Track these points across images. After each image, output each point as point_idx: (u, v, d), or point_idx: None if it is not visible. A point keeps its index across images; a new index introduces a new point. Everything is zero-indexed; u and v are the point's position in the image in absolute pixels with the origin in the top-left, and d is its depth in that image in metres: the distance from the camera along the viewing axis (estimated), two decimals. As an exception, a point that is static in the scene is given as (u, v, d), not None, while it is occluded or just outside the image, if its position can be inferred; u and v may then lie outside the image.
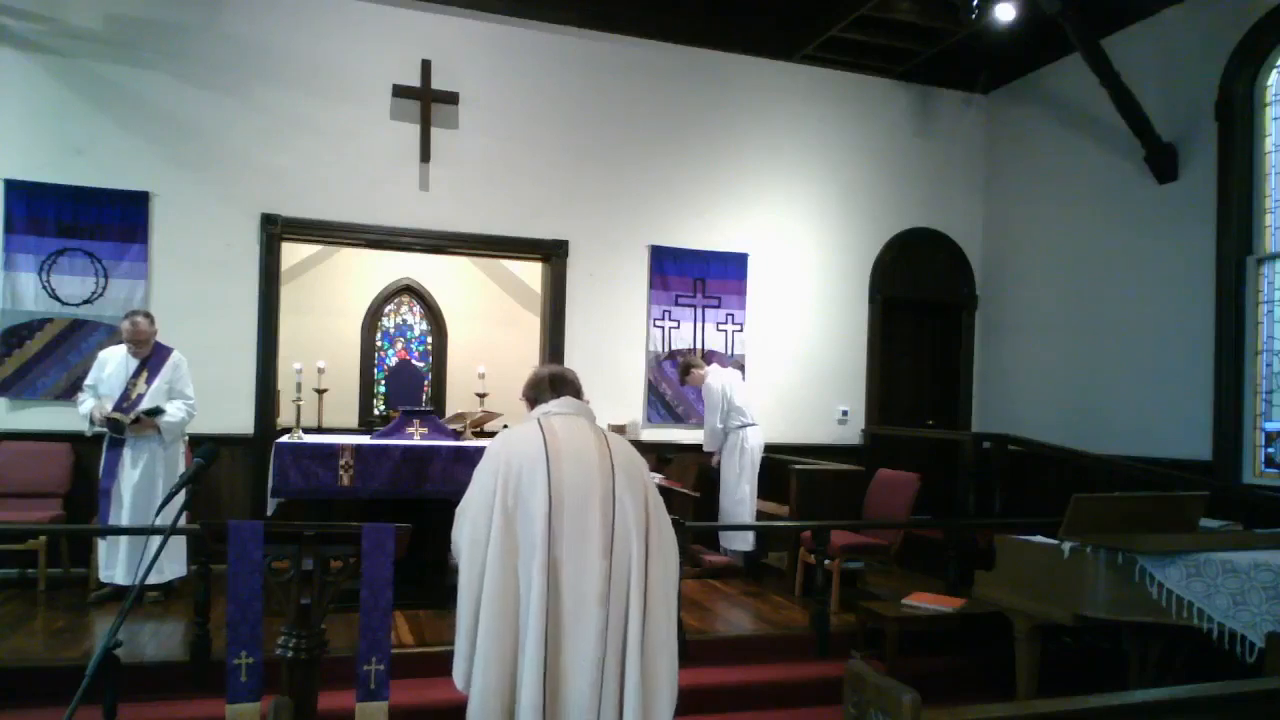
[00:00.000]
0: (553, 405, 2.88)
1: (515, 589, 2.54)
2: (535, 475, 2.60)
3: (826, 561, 5.33)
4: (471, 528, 2.64)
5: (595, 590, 2.54)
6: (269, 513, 5.50)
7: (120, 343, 5.62)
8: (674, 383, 7.65)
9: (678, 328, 7.74)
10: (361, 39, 6.92)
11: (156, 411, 5.39)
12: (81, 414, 5.46)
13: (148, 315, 5.58)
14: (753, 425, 6.91)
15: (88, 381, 5.53)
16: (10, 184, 6.17)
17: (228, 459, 6.39)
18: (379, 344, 9.89)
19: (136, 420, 5.34)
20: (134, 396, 5.45)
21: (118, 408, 5.37)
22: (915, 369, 8.67)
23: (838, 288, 8.25)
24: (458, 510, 2.77)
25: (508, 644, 2.51)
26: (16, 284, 6.18)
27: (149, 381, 5.50)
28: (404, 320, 10.02)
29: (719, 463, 6.99)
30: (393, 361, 9.94)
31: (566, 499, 2.59)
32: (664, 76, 7.70)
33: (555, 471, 2.61)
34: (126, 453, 5.43)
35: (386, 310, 9.95)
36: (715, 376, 7.03)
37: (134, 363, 5.52)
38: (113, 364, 5.52)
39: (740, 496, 6.82)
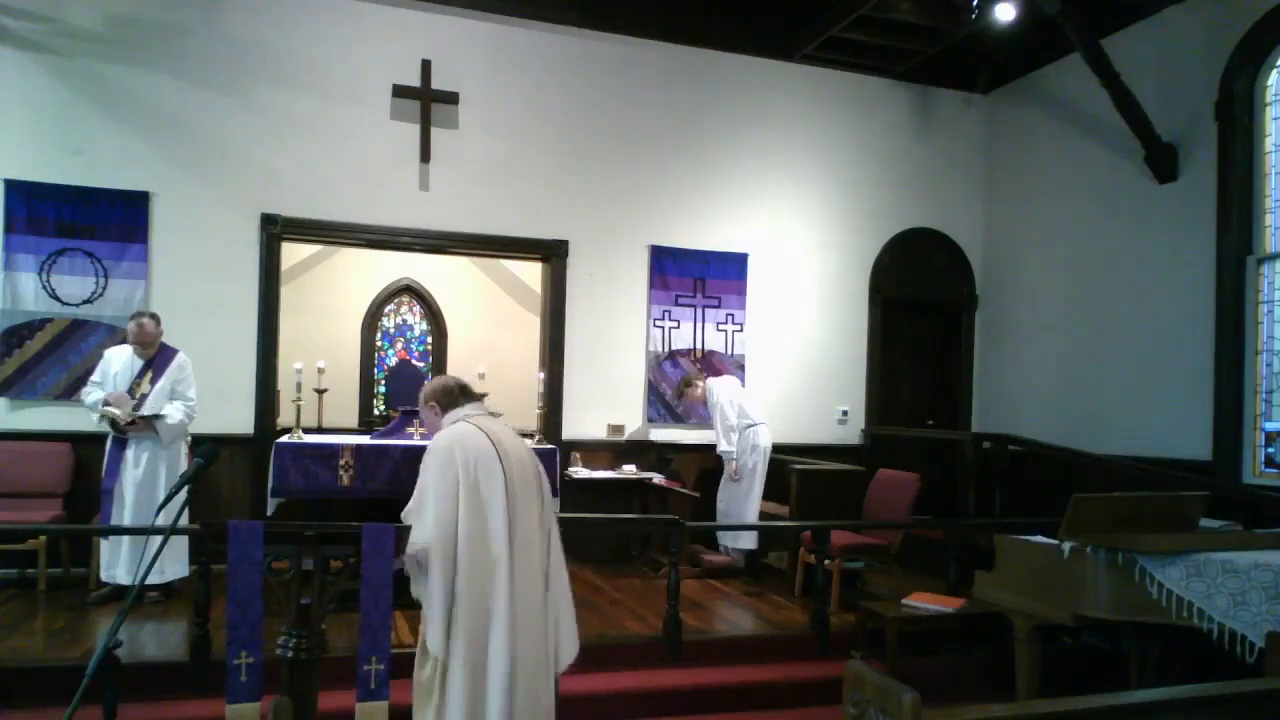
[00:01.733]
0: (470, 409, 3.26)
1: (486, 567, 2.95)
2: (492, 469, 3.02)
3: (826, 561, 5.33)
4: (437, 517, 2.94)
5: (539, 565, 3.09)
6: (269, 513, 5.51)
7: (126, 343, 5.63)
8: (674, 383, 7.64)
9: (678, 328, 7.74)
10: (361, 39, 6.92)
11: (155, 418, 5.40)
12: (89, 404, 5.46)
13: (154, 316, 5.60)
14: (761, 424, 6.92)
15: (94, 378, 5.54)
16: (10, 184, 6.17)
17: (228, 459, 6.39)
18: (379, 344, 9.89)
19: (133, 423, 5.35)
20: (138, 396, 5.46)
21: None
22: (915, 369, 8.67)
23: (838, 288, 8.25)
24: (410, 509, 3.03)
25: (481, 614, 2.96)
26: (16, 284, 6.18)
27: (153, 382, 5.51)
28: (404, 320, 10.02)
29: (736, 470, 6.85)
30: (393, 361, 9.94)
31: (518, 490, 3.06)
32: (664, 76, 7.70)
33: (507, 465, 3.06)
34: (129, 452, 5.44)
35: (386, 310, 9.95)
36: (716, 383, 7.06)
37: (139, 363, 5.55)
38: (118, 364, 5.54)
39: (739, 499, 6.82)
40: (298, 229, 6.83)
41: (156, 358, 5.58)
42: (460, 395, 3.29)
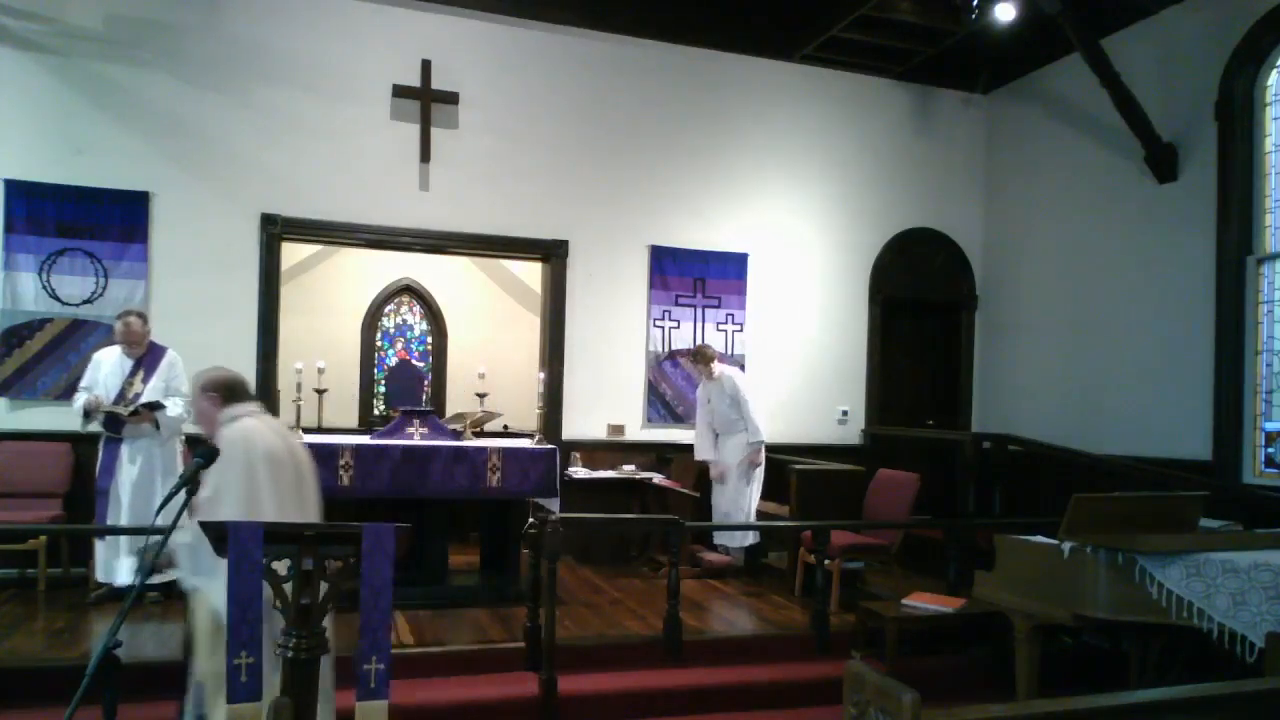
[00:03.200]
0: (252, 406, 3.33)
1: None
2: (284, 465, 3.13)
3: (826, 561, 5.33)
4: (243, 510, 2.96)
5: None
6: (269, 513, 5.49)
7: (114, 344, 5.60)
8: (674, 382, 7.65)
9: (678, 328, 7.74)
10: (361, 39, 6.92)
11: (156, 406, 5.39)
12: (75, 409, 5.42)
13: (141, 315, 5.57)
14: None
15: (83, 384, 5.49)
16: (10, 184, 6.17)
17: (228, 459, 6.37)
18: (379, 344, 9.89)
19: (135, 413, 5.34)
20: (130, 396, 5.44)
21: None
22: (915, 369, 8.67)
23: (838, 288, 8.25)
24: (205, 498, 2.99)
25: None
26: (16, 284, 6.18)
27: (145, 381, 5.49)
28: (404, 320, 10.02)
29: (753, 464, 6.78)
30: (393, 361, 9.94)
31: (306, 486, 3.23)
32: (664, 76, 7.70)
33: (293, 460, 3.20)
34: (124, 451, 5.43)
35: (386, 310, 9.95)
36: (738, 374, 6.99)
37: (129, 363, 5.51)
38: (108, 365, 5.50)
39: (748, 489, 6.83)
40: (298, 229, 6.83)
41: (146, 357, 5.55)
42: (241, 391, 3.32)
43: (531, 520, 4.83)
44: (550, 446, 5.90)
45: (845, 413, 8.20)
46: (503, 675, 4.50)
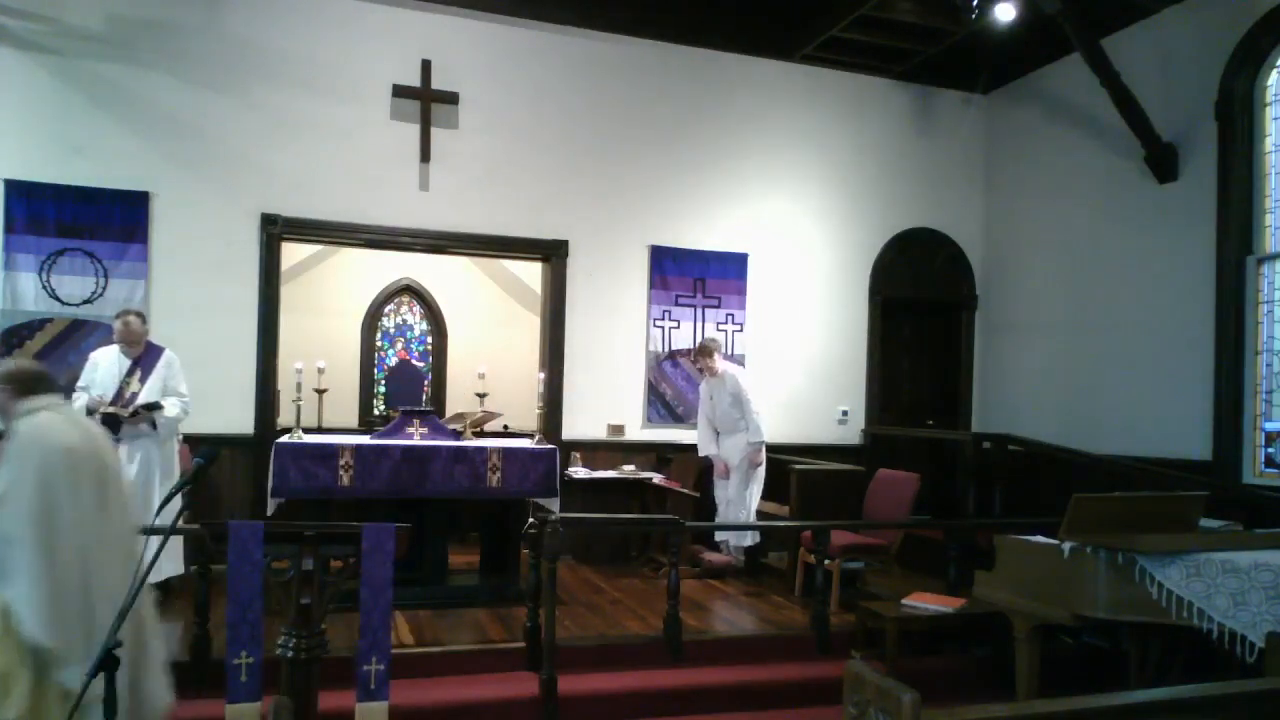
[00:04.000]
0: (54, 399, 3.13)
1: (84, 554, 2.86)
2: (83, 461, 2.92)
3: (826, 561, 5.33)
4: (36, 506, 2.81)
5: (133, 554, 2.98)
6: (269, 513, 5.50)
7: (111, 343, 5.60)
8: (674, 382, 7.65)
9: (678, 328, 7.74)
10: (361, 39, 6.92)
11: (154, 406, 5.38)
12: (76, 409, 5.42)
13: (139, 314, 5.57)
14: None
15: (80, 383, 5.48)
16: (10, 184, 6.17)
17: (228, 459, 6.38)
18: (379, 344, 9.90)
19: (135, 414, 5.34)
20: (128, 395, 5.43)
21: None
22: (915, 369, 8.67)
23: (838, 287, 8.25)
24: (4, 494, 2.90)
25: (85, 599, 2.84)
26: (16, 284, 6.17)
27: (142, 380, 5.48)
28: (404, 320, 10.03)
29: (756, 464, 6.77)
30: (393, 361, 9.95)
31: (111, 476, 3.06)
32: (664, 76, 7.70)
33: (96, 457, 3.00)
34: (122, 451, 5.40)
35: (386, 310, 9.96)
36: (741, 372, 6.98)
37: (126, 362, 5.50)
38: (105, 364, 5.49)
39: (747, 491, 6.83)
40: (298, 229, 6.83)
41: (143, 356, 5.54)
42: (41, 383, 3.13)
43: (531, 520, 4.83)
44: (550, 446, 5.90)
45: (845, 413, 8.20)
46: (503, 675, 4.50)
